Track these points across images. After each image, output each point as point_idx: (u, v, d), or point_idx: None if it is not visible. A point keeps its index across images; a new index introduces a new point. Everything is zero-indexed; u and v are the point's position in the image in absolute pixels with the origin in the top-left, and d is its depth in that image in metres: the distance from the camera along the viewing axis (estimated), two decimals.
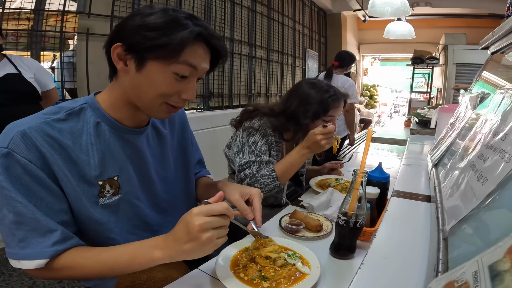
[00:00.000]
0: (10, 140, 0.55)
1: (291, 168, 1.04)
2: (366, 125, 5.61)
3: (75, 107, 0.64)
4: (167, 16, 0.60)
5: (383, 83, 8.23)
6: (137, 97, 0.65)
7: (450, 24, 5.76)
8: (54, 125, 0.59)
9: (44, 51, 2.10)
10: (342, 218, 0.66)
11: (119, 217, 0.68)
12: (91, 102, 0.66)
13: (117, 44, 0.60)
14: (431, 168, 0.92)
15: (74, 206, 0.61)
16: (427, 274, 0.50)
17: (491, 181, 0.43)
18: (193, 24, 0.61)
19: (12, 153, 0.54)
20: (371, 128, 1.17)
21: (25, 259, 0.56)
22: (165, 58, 0.60)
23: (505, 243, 0.28)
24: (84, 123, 0.63)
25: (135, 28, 0.60)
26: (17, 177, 0.55)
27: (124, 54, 0.61)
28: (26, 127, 0.56)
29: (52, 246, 0.56)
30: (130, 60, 0.61)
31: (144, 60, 0.60)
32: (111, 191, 0.65)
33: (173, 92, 0.64)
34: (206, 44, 0.64)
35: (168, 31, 0.59)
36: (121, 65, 0.62)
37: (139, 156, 0.72)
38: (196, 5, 3.02)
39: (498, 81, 0.91)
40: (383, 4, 3.11)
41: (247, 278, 0.61)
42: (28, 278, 1.65)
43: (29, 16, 2.00)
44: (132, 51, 0.60)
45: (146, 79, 0.62)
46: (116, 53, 0.61)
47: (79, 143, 0.62)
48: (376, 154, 1.81)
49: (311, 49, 5.40)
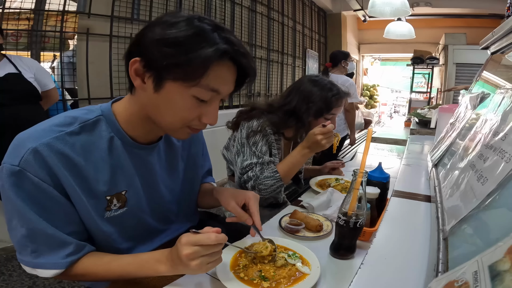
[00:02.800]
0: (21, 158, 0.52)
1: (294, 168, 1.05)
2: (366, 125, 5.61)
3: (90, 119, 0.60)
4: (191, 28, 0.54)
5: (383, 83, 8.23)
6: (156, 117, 0.61)
7: (450, 24, 5.76)
8: (67, 140, 0.57)
9: (44, 51, 2.10)
10: (342, 218, 0.66)
11: (124, 228, 0.68)
12: (107, 114, 0.62)
13: (135, 59, 0.56)
14: (431, 168, 0.92)
15: (82, 219, 0.62)
16: (427, 274, 0.50)
17: (491, 181, 0.43)
18: (219, 39, 0.54)
19: (23, 172, 0.52)
20: (371, 128, 1.16)
21: (40, 268, 0.57)
22: (184, 80, 0.54)
23: (505, 243, 0.28)
24: (98, 138, 0.61)
25: (154, 41, 0.54)
26: (29, 195, 0.54)
27: (142, 71, 0.56)
28: (39, 144, 0.53)
29: (66, 258, 0.58)
30: (148, 79, 0.56)
31: (162, 79, 0.55)
32: (118, 204, 0.65)
33: (193, 116, 0.60)
34: (232, 62, 0.57)
35: (190, 48, 0.52)
36: (138, 82, 0.57)
37: (149, 171, 0.70)
38: (196, 5, 3.02)
39: (498, 81, 0.91)
40: (383, 4, 3.11)
41: (247, 278, 0.61)
42: (28, 278, 1.65)
43: (29, 16, 2.00)
44: (150, 69, 0.55)
45: (164, 100, 0.57)
46: (134, 69, 0.56)
47: (90, 159, 0.59)
48: (376, 154, 1.81)
49: (311, 49, 5.40)
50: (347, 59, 2.68)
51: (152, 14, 2.61)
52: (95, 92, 2.28)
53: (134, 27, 2.50)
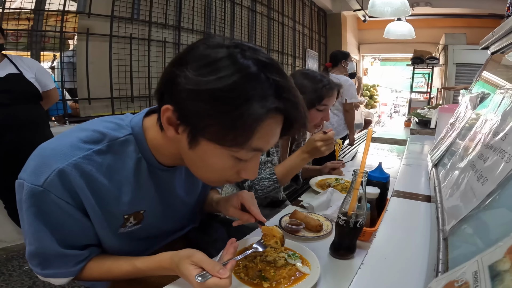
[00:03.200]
0: (46, 178, 0.49)
1: (292, 171, 1.06)
2: (366, 125, 5.61)
3: (119, 138, 0.56)
4: (234, 71, 0.44)
5: (383, 83, 8.23)
6: (191, 168, 0.57)
7: (450, 24, 5.76)
8: (95, 159, 0.53)
9: (44, 51, 2.11)
10: (342, 218, 0.66)
11: (135, 241, 0.68)
12: (137, 133, 0.58)
13: (167, 107, 0.48)
14: (431, 168, 0.92)
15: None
16: (427, 274, 0.50)
17: (491, 181, 0.43)
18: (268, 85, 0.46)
19: (47, 192, 0.50)
20: (371, 128, 1.17)
21: (51, 277, 0.58)
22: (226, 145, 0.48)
23: (505, 243, 0.28)
24: (125, 158, 0.57)
25: (188, 91, 0.45)
26: (49, 215, 0.52)
27: (176, 122, 0.49)
28: (66, 165, 0.50)
29: (75, 266, 0.58)
30: (182, 133, 0.50)
31: (198, 137, 0.49)
32: (133, 222, 0.63)
33: (231, 173, 0.55)
34: (280, 113, 0.49)
35: (235, 106, 0.44)
36: (172, 132, 0.51)
37: (169, 192, 0.68)
38: (196, 5, 3.03)
39: (498, 81, 0.91)
40: (383, 4, 3.11)
41: (247, 278, 0.61)
42: (28, 278, 1.65)
43: (29, 16, 2.00)
44: (184, 122, 0.48)
45: (199, 158, 0.52)
46: (166, 117, 0.50)
47: (114, 179, 0.56)
48: (376, 154, 1.81)
49: (311, 49, 5.40)
50: (347, 59, 2.68)
51: (152, 14, 2.62)
52: (95, 92, 2.28)
53: (134, 27, 2.50)
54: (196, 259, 0.54)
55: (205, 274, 0.52)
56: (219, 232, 0.91)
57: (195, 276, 0.52)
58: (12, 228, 1.86)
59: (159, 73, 2.79)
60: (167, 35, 2.81)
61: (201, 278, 0.52)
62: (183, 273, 0.54)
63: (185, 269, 0.54)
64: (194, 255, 0.54)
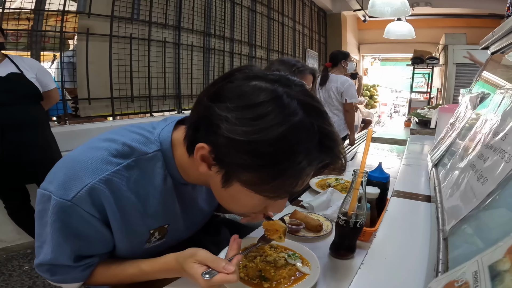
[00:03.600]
0: (76, 194, 0.49)
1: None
2: (366, 125, 5.61)
3: (148, 154, 0.55)
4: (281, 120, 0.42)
5: (383, 83, 8.23)
6: (218, 199, 0.57)
7: (450, 24, 5.76)
8: (124, 174, 0.53)
9: (44, 51, 2.11)
10: (342, 218, 0.66)
11: (156, 254, 0.66)
12: (166, 150, 0.56)
13: (202, 145, 0.47)
14: (431, 168, 0.92)
15: (118, 250, 0.61)
16: (427, 274, 0.50)
17: (491, 181, 0.43)
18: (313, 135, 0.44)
19: (75, 207, 0.49)
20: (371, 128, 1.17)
21: (62, 283, 0.58)
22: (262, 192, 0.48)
23: (505, 243, 0.28)
24: (152, 174, 0.57)
25: (229, 139, 0.43)
26: (74, 228, 0.52)
27: (210, 161, 0.48)
28: (97, 181, 0.49)
29: (83, 271, 0.58)
30: (216, 172, 0.49)
31: (232, 180, 0.48)
32: (158, 237, 0.63)
33: (261, 208, 0.55)
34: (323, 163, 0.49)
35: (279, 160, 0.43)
36: (204, 168, 0.50)
37: (191, 205, 0.68)
38: (196, 5, 3.03)
39: (498, 81, 0.91)
40: (383, 4, 3.11)
41: (247, 278, 0.61)
42: (28, 278, 1.65)
43: (29, 16, 2.00)
44: (220, 164, 0.47)
45: (231, 197, 0.52)
46: (201, 155, 0.49)
47: (141, 194, 0.56)
48: (376, 154, 1.81)
49: (311, 49, 5.40)
50: (346, 59, 2.68)
51: (152, 14, 2.62)
52: (95, 92, 2.28)
53: (134, 27, 2.50)
54: (200, 257, 0.54)
55: (211, 272, 0.52)
56: (221, 232, 0.91)
57: (201, 274, 0.52)
58: (12, 228, 1.86)
59: (159, 73, 2.79)
60: (167, 35, 2.81)
61: (208, 275, 0.52)
62: (189, 272, 0.54)
63: (190, 268, 0.54)
64: (197, 253, 0.54)
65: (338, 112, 2.66)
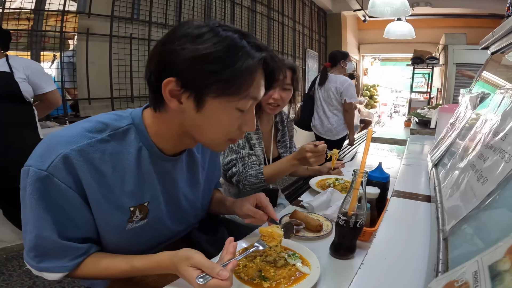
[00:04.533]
0: (51, 163, 0.52)
1: (280, 174, 1.10)
2: (366, 125, 5.60)
3: (121, 127, 0.60)
4: (221, 39, 0.52)
5: (383, 83, 8.22)
6: (198, 136, 0.61)
7: (450, 24, 5.76)
8: (98, 147, 0.56)
9: (44, 51, 2.10)
10: (342, 218, 0.66)
11: (141, 240, 0.68)
12: (138, 123, 0.62)
13: (169, 80, 0.53)
14: (431, 168, 0.92)
15: (100, 231, 0.62)
16: (427, 274, 0.50)
17: (491, 181, 0.43)
18: (251, 47, 0.54)
19: (51, 177, 0.52)
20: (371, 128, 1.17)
21: (45, 272, 0.58)
22: (230, 95, 0.54)
23: (505, 243, 0.28)
24: (127, 147, 0.60)
25: (189, 59, 0.51)
26: (51, 201, 0.54)
27: (179, 91, 0.54)
28: (70, 150, 0.53)
29: (71, 261, 0.58)
30: (186, 99, 0.55)
31: (204, 98, 0.54)
32: (140, 216, 0.64)
33: (235, 127, 0.60)
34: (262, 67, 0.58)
35: (232, 62, 0.52)
36: (175, 104, 0.55)
37: (172, 183, 0.70)
38: (196, 5, 3.03)
39: (498, 81, 0.91)
40: (383, 4, 3.11)
41: (247, 278, 0.61)
42: (28, 278, 1.65)
43: (29, 16, 2.00)
44: (189, 88, 0.53)
45: (207, 118, 0.56)
46: (169, 90, 0.54)
47: (118, 169, 0.59)
48: (376, 154, 1.81)
49: (311, 49, 5.40)
50: (346, 59, 2.68)
51: (152, 14, 2.62)
52: (95, 92, 2.28)
53: (134, 27, 2.50)
54: (195, 262, 0.54)
55: (205, 276, 0.52)
56: (219, 232, 0.91)
57: (195, 278, 0.52)
58: (11, 228, 1.86)
59: None
60: None
61: (202, 279, 0.52)
62: (183, 274, 0.54)
63: (184, 271, 0.54)
64: (192, 257, 0.54)
65: (337, 112, 2.66)
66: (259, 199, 0.77)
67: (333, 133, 2.68)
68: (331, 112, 2.66)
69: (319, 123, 2.72)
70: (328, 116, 2.67)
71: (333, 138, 2.68)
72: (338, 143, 2.70)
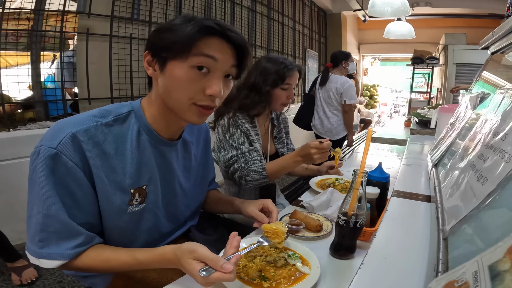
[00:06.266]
0: (60, 141, 0.57)
1: (283, 170, 1.10)
2: (366, 125, 5.60)
3: (122, 113, 0.67)
4: (185, 17, 0.62)
5: (383, 83, 8.23)
6: (168, 100, 0.65)
7: (450, 24, 5.76)
8: (102, 129, 0.62)
9: (44, 51, 2.10)
10: (342, 218, 0.66)
11: (140, 227, 0.70)
12: (137, 109, 0.69)
13: (146, 52, 0.64)
14: (431, 168, 0.92)
15: (103, 213, 0.64)
16: (427, 274, 0.50)
17: (491, 181, 0.43)
18: (206, 20, 0.62)
19: (59, 155, 0.56)
20: (371, 128, 1.17)
21: (45, 258, 0.58)
22: (180, 54, 0.60)
23: (505, 243, 0.28)
24: (127, 130, 0.66)
25: (154, 32, 0.64)
26: (60, 179, 0.57)
27: (151, 60, 0.64)
28: (78, 130, 0.59)
29: (73, 249, 0.59)
30: (155, 65, 0.63)
31: (165, 61, 0.62)
32: (139, 199, 0.68)
33: (197, 88, 0.63)
34: (224, 39, 0.63)
35: (181, 29, 0.60)
36: (151, 71, 0.65)
37: (168, 168, 0.74)
38: (196, 5, 3.03)
39: (498, 81, 0.91)
40: (383, 4, 3.11)
41: (247, 278, 0.61)
42: None
43: (29, 16, 2.00)
44: (155, 55, 0.63)
45: (169, 79, 0.63)
46: (146, 61, 0.64)
47: (120, 150, 0.64)
48: (376, 154, 1.81)
49: (311, 49, 5.40)
50: (348, 59, 2.68)
51: (152, 14, 2.62)
52: (95, 92, 2.28)
53: (134, 27, 2.50)
54: (198, 254, 0.54)
55: (209, 269, 0.52)
56: (218, 232, 0.91)
57: (199, 271, 0.52)
58: (12, 228, 1.86)
59: None
60: None
61: (205, 272, 0.52)
62: (186, 268, 0.55)
63: (188, 264, 0.54)
64: (196, 250, 0.55)
65: (337, 112, 2.66)
66: (266, 204, 0.83)
67: (333, 133, 2.68)
68: (331, 112, 2.66)
69: (319, 123, 2.72)
70: (328, 116, 2.67)
71: (333, 138, 2.68)
72: (338, 143, 2.70)
